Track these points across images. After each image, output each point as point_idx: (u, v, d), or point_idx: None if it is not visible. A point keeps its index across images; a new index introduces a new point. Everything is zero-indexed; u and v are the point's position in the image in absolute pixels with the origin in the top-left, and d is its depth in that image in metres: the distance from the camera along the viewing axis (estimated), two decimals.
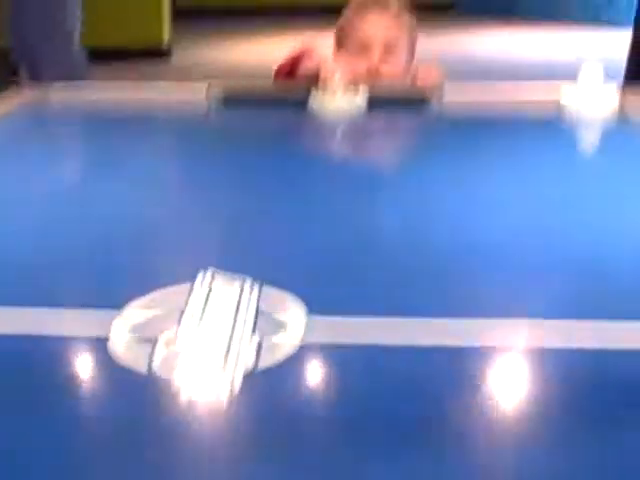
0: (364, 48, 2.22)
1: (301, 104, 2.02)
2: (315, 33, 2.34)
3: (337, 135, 2.01)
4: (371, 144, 1.96)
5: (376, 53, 2.22)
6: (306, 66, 2.14)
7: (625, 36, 7.02)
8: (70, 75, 4.32)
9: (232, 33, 7.93)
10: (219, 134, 2.00)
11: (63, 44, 4.27)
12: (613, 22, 7.29)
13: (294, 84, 2.16)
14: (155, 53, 6.85)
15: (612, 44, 6.93)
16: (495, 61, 6.27)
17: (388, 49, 2.22)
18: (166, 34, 6.97)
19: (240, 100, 2.08)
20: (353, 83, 2.03)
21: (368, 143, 1.96)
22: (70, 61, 4.31)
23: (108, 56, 5.85)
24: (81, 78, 4.39)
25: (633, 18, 4.55)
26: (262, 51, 7.27)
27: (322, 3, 8.39)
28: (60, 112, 2.14)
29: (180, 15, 7.42)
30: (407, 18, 2.28)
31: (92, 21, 4.26)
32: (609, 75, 1.98)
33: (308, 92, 2.04)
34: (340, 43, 2.30)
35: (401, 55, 2.24)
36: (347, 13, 2.31)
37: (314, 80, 2.06)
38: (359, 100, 2.01)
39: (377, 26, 2.24)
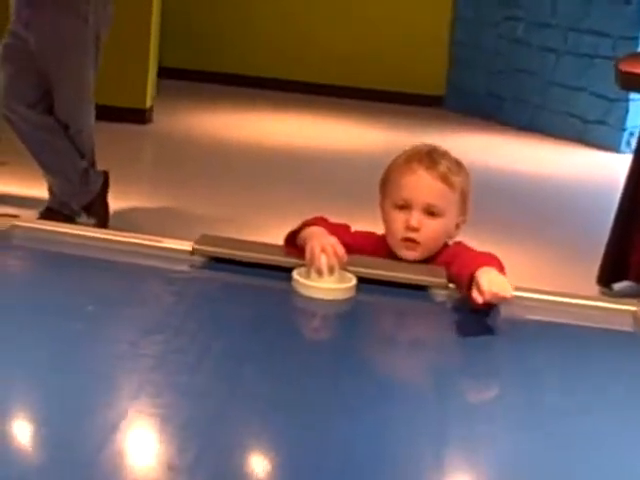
0: (403, 206, 2.01)
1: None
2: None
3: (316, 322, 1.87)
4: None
5: (415, 216, 2.00)
6: (302, 237, 1.95)
7: (610, 159, 7.09)
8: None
9: (216, 101, 7.80)
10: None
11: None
12: (598, 144, 7.28)
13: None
14: (137, 115, 6.68)
15: (598, 165, 6.91)
16: (479, 166, 6.20)
17: (429, 211, 2.00)
18: (149, 96, 6.82)
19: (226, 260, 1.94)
20: (342, 267, 1.84)
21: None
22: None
23: None
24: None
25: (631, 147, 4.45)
26: (253, 125, 7.17)
27: (306, 80, 8.36)
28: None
29: (164, 74, 7.28)
30: (458, 179, 2.04)
31: None
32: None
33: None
34: (384, 193, 2.08)
35: (444, 220, 2.02)
36: (396, 161, 2.08)
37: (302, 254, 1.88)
38: (345, 285, 1.84)
39: (420, 186, 2.01)
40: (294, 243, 1.98)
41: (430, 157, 2.05)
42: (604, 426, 1.50)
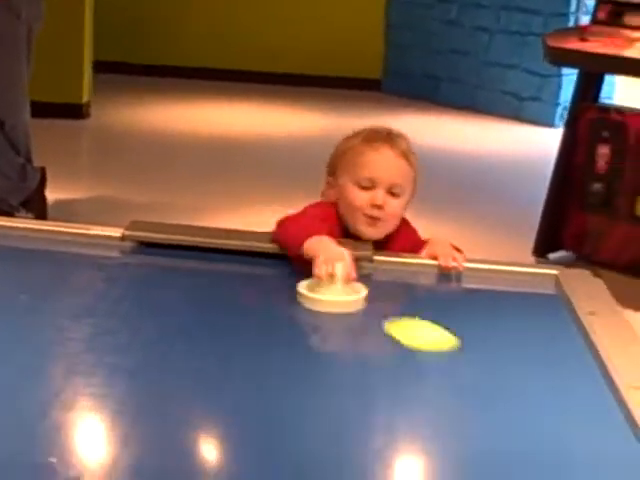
0: (367, 186, 2.05)
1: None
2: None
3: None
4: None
5: (380, 194, 2.04)
6: (307, 250, 1.90)
7: (545, 133, 7.21)
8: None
9: (154, 93, 7.79)
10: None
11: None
12: (533, 120, 7.39)
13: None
14: (74, 110, 6.65)
15: (533, 140, 7.02)
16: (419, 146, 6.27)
17: (391, 192, 2.05)
18: (86, 91, 6.79)
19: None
20: (351, 279, 1.83)
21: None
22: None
23: None
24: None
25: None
26: (189, 116, 7.17)
27: (242, 69, 8.37)
28: None
29: (100, 69, 7.25)
30: (414, 158, 2.11)
31: None
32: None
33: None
34: (334, 172, 2.11)
35: (404, 199, 2.08)
36: (351, 142, 2.11)
37: (308, 264, 1.86)
38: (356, 297, 1.83)
39: (385, 165, 2.06)
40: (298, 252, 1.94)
41: (390, 137, 2.11)
42: (522, 380, 1.57)
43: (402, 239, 2.12)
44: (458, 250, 2.06)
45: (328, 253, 1.85)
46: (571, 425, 1.45)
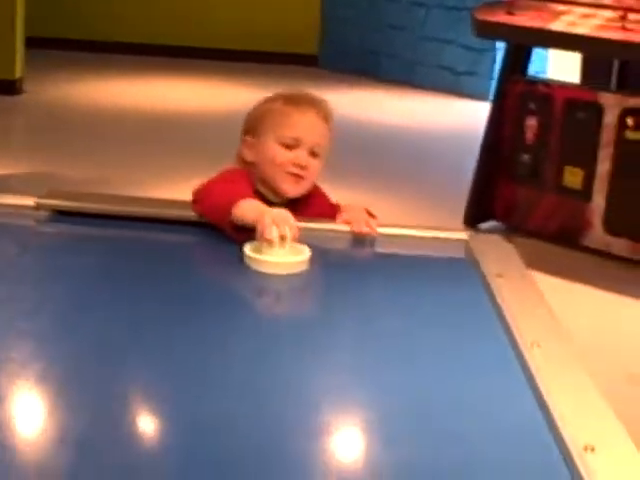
0: (288, 146, 2.08)
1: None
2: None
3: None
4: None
5: (303, 154, 2.08)
6: (243, 215, 1.91)
7: (480, 107, 7.27)
8: None
9: (90, 70, 7.72)
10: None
11: None
12: (469, 94, 7.46)
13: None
14: (6, 86, 6.58)
15: (469, 114, 7.08)
16: (356, 121, 6.31)
17: (312, 153, 2.09)
18: (19, 67, 6.72)
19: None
20: (295, 240, 1.85)
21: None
22: None
23: None
24: None
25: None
26: (116, 92, 7.14)
27: (178, 44, 8.33)
28: None
29: (32, 45, 7.17)
30: (332, 124, 2.15)
31: None
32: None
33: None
34: (254, 131, 2.14)
35: (322, 161, 2.12)
36: (270, 103, 2.15)
37: (249, 231, 1.87)
38: (300, 257, 1.85)
39: (310, 126, 2.10)
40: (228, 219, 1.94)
41: (315, 100, 2.16)
42: (429, 340, 1.62)
43: (314, 202, 2.16)
44: (372, 216, 2.10)
45: (272, 215, 1.86)
46: (470, 378, 1.50)
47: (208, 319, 1.63)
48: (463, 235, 2.08)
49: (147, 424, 1.33)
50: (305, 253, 1.85)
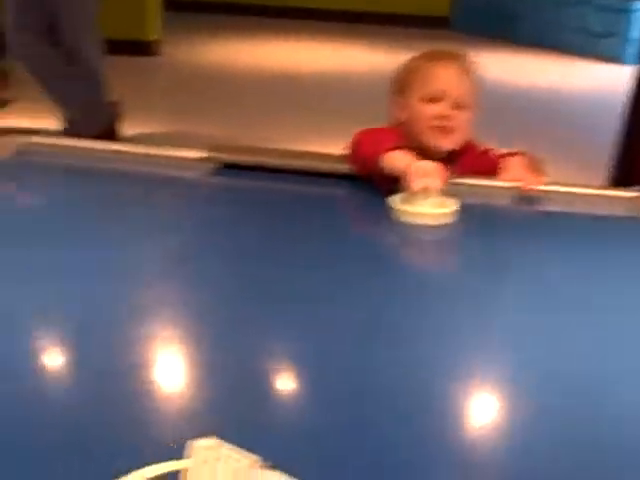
0: (432, 100, 2.09)
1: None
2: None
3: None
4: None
5: (446, 107, 2.08)
6: (391, 164, 1.90)
7: (621, 71, 7.07)
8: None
9: (227, 31, 7.81)
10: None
11: None
12: (610, 56, 7.26)
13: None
14: (142, 48, 6.70)
15: (608, 77, 6.91)
16: (500, 86, 6.22)
17: (457, 105, 2.08)
18: (155, 28, 6.83)
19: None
20: (443, 193, 1.83)
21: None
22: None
23: None
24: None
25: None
26: (258, 53, 7.18)
27: (309, 7, 8.33)
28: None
29: (173, 7, 7.29)
30: (476, 76, 2.15)
31: None
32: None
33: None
34: (402, 91, 2.15)
35: (469, 113, 2.11)
36: (414, 61, 2.16)
37: (397, 181, 1.86)
38: (449, 210, 1.83)
39: (452, 79, 2.10)
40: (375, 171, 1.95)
41: (454, 54, 2.18)
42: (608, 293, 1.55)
43: (469, 158, 2.14)
44: (535, 170, 2.06)
45: (419, 166, 1.85)
46: None
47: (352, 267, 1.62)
48: (632, 193, 2.02)
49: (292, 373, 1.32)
50: (451, 206, 1.83)
